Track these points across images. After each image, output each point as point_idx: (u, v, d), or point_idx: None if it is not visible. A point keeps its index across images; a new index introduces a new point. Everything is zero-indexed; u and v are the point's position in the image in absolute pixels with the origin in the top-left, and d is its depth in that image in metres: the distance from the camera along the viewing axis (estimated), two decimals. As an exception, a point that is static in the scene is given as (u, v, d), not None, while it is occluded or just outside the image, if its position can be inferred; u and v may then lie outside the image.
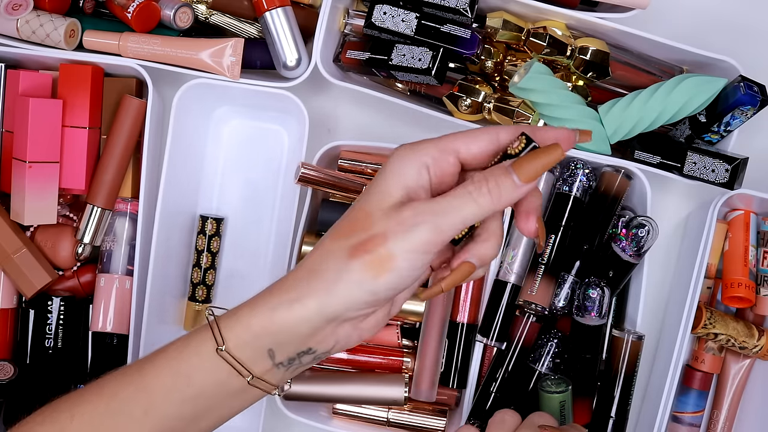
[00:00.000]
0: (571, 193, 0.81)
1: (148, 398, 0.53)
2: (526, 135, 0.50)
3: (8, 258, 0.79)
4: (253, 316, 0.52)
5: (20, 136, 0.78)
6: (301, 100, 0.81)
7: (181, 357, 0.53)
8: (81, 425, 0.53)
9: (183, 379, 0.53)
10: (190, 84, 0.81)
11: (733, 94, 0.78)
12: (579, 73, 0.81)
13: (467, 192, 0.49)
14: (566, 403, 0.79)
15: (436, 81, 0.79)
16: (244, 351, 0.52)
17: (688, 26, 0.89)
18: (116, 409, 0.53)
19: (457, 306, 0.83)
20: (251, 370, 0.53)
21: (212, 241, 0.87)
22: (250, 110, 0.89)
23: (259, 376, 0.53)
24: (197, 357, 0.53)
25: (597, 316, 0.78)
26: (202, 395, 0.53)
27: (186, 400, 0.53)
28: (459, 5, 0.78)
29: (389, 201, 0.50)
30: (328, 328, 0.51)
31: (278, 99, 0.82)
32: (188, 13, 0.82)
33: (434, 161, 0.51)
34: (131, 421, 0.53)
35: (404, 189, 0.50)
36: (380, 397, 0.82)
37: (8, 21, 0.79)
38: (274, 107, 0.87)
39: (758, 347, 0.83)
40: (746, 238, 0.85)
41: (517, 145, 0.50)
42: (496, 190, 0.49)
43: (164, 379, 0.53)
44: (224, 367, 0.52)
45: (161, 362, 0.54)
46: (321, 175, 0.80)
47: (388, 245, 0.49)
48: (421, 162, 0.51)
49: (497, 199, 0.49)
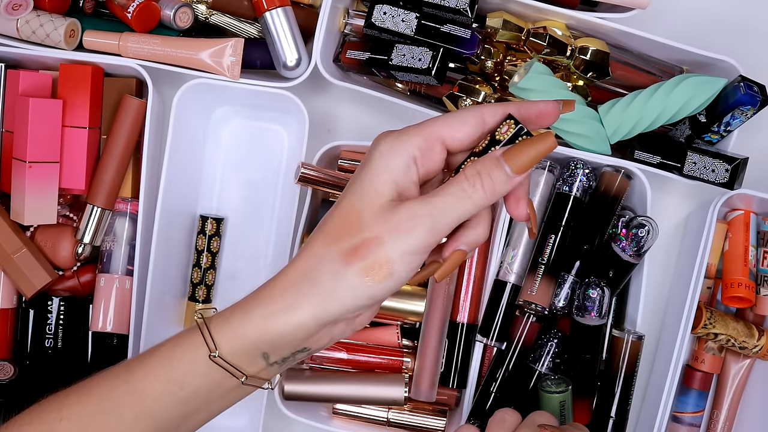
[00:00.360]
0: (571, 193, 0.81)
1: (140, 402, 0.52)
2: (513, 118, 0.50)
3: (8, 258, 0.79)
4: (247, 322, 0.51)
5: (20, 136, 0.78)
6: (301, 100, 0.81)
7: (173, 362, 0.52)
8: (69, 426, 0.52)
9: (175, 384, 0.52)
10: (189, 84, 0.81)
11: (733, 94, 0.78)
12: (579, 73, 0.81)
13: (461, 189, 0.49)
14: (566, 403, 0.79)
15: (436, 81, 0.79)
16: (239, 356, 0.51)
17: (688, 26, 0.89)
18: (106, 410, 0.52)
19: (457, 306, 0.83)
20: (245, 372, 0.52)
21: (212, 241, 0.87)
22: (250, 110, 0.89)
23: (253, 375, 0.53)
24: (190, 363, 0.52)
25: (597, 316, 0.78)
26: (194, 397, 0.53)
27: (178, 403, 0.52)
28: (459, 5, 0.78)
29: (380, 200, 0.49)
30: (323, 330, 0.51)
31: (278, 99, 0.82)
32: (188, 13, 0.82)
33: (421, 153, 0.50)
34: (122, 424, 0.52)
35: (393, 184, 0.50)
36: (380, 397, 0.82)
37: (8, 21, 0.79)
38: (274, 107, 0.87)
39: (758, 347, 0.83)
40: (746, 238, 0.85)
41: (505, 130, 0.50)
42: (490, 185, 0.49)
43: (155, 383, 0.52)
44: (217, 371, 0.52)
45: (152, 366, 0.53)
46: (321, 175, 0.80)
47: (384, 250, 0.48)
48: (409, 155, 0.50)
49: (491, 193, 0.49)
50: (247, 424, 0.88)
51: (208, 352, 0.51)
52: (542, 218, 0.82)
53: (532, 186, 0.82)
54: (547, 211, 0.82)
